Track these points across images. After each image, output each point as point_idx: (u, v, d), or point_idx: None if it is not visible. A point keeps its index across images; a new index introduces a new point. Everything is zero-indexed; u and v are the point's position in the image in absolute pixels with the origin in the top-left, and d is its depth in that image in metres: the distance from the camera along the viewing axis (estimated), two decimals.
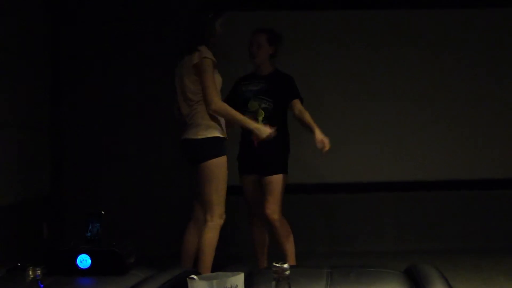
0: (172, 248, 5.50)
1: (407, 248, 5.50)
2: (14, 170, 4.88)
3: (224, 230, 3.85)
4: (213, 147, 3.74)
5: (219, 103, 3.72)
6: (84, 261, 3.07)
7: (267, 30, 4.38)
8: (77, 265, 3.10)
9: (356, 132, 5.43)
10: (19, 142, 4.97)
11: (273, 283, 1.69)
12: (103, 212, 4.59)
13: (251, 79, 4.40)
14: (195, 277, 1.94)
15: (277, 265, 1.68)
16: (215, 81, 3.75)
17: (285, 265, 1.67)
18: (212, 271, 3.59)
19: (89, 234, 4.27)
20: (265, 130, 3.81)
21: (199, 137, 3.75)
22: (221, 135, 3.79)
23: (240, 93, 4.38)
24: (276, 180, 4.26)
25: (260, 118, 4.26)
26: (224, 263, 2.98)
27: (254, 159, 4.30)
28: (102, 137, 5.63)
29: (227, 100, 4.41)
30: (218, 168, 3.74)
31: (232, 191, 3.98)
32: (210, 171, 3.73)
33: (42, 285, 1.86)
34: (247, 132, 4.11)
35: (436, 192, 5.70)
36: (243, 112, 4.24)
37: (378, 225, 5.72)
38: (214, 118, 3.79)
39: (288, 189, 5.57)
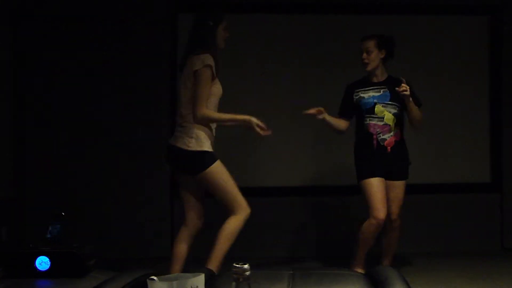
0: (133, 251, 5.48)
1: (370, 251, 5.55)
2: None
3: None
4: (204, 159, 3.76)
5: (206, 114, 3.72)
6: (43, 263, 3.02)
7: (375, 35, 4.37)
8: (35, 267, 3.05)
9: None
10: None
11: (233, 284, 1.68)
12: (63, 214, 4.55)
13: (369, 85, 4.38)
14: (155, 278, 1.92)
15: (237, 265, 1.67)
16: (208, 93, 3.75)
17: (245, 266, 1.66)
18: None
19: (49, 235, 4.20)
20: (253, 123, 3.75)
21: (189, 149, 3.75)
22: (209, 150, 3.79)
23: (361, 99, 4.36)
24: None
25: (392, 124, 4.28)
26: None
27: (385, 163, 4.30)
28: (65, 139, 5.55)
29: (343, 108, 4.46)
30: (218, 172, 3.77)
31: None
32: (212, 177, 3.77)
33: None
34: (369, 138, 4.25)
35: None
36: (369, 118, 4.29)
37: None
38: (207, 132, 3.80)
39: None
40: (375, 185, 4.26)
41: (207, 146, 3.77)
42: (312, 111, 4.28)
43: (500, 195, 5.82)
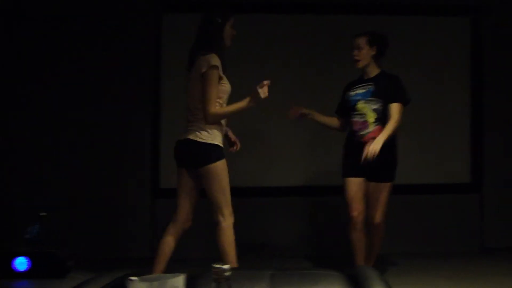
0: (113, 251, 5.44)
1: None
2: None
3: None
4: (213, 153, 3.77)
5: (217, 112, 3.75)
6: (21, 263, 3.00)
7: (367, 32, 4.38)
8: (14, 268, 3.02)
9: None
10: None
11: (213, 284, 1.68)
12: (43, 214, 4.52)
13: (359, 83, 4.42)
14: (134, 278, 1.91)
15: (216, 266, 1.66)
16: (217, 93, 3.77)
17: (225, 267, 1.65)
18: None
19: (28, 236, 4.18)
20: (257, 95, 3.71)
21: (201, 140, 3.77)
22: (220, 144, 3.82)
23: (349, 97, 4.39)
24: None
25: (371, 120, 4.28)
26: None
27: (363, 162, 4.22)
28: (45, 139, 5.49)
29: (339, 107, 4.47)
30: (222, 169, 3.77)
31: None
32: (215, 173, 3.76)
33: None
34: (353, 135, 4.26)
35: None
36: (352, 115, 4.30)
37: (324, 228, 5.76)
38: (216, 127, 3.82)
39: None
40: (351, 183, 4.31)
41: (218, 141, 3.80)
42: (292, 113, 4.36)
43: (480, 196, 5.86)
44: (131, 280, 1.91)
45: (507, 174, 5.84)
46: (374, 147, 4.03)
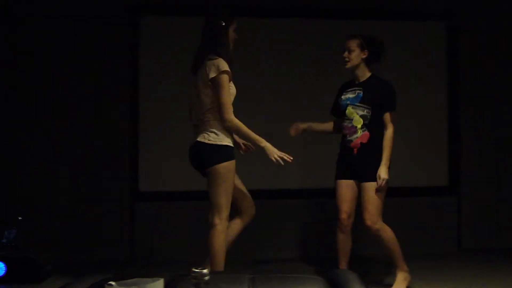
0: (93, 255, 5.41)
1: (329, 254, 5.60)
2: None
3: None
4: (221, 153, 3.79)
5: (234, 121, 3.79)
6: None
7: (360, 35, 4.38)
8: None
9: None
10: None
11: None
12: (20, 218, 4.48)
13: (350, 87, 4.42)
14: (113, 283, 1.90)
15: (196, 270, 1.66)
16: (230, 96, 3.81)
17: (204, 271, 1.65)
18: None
19: (4, 240, 4.13)
20: (273, 151, 3.81)
21: (209, 142, 3.80)
22: (230, 144, 3.85)
23: (340, 101, 4.42)
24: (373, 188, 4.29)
25: (359, 126, 4.28)
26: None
27: (352, 165, 4.31)
28: (21, 141, 5.43)
29: (333, 108, 4.50)
30: (227, 171, 3.79)
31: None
32: (220, 174, 3.77)
33: None
34: (344, 139, 4.33)
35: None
36: (343, 119, 4.34)
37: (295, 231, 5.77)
38: (225, 129, 3.84)
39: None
40: (340, 185, 4.36)
41: (227, 141, 3.82)
42: (293, 131, 4.47)
43: (457, 198, 5.92)
44: (109, 285, 1.91)
45: (483, 177, 5.92)
46: (381, 176, 4.15)
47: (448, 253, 5.66)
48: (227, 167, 3.77)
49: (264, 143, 3.83)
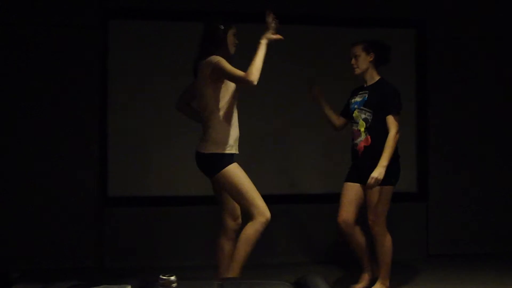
0: (61, 262, 5.34)
1: (297, 260, 5.61)
2: None
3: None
4: (218, 162, 3.81)
5: (254, 76, 3.67)
6: None
7: (364, 40, 4.47)
8: None
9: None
10: None
11: None
12: None
13: (360, 90, 4.51)
14: None
15: (163, 277, 1.65)
16: (236, 70, 3.72)
17: (172, 278, 1.64)
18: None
19: None
20: (269, 37, 3.80)
21: (205, 151, 3.83)
22: (227, 152, 3.84)
23: (350, 104, 4.51)
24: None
25: (362, 129, 4.36)
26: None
27: (358, 168, 4.38)
28: None
29: (344, 109, 4.60)
30: (233, 174, 3.80)
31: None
32: (227, 177, 3.80)
33: None
34: (353, 143, 4.40)
35: (316, 205, 5.81)
36: (352, 123, 4.45)
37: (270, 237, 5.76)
38: (225, 134, 3.84)
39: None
40: (346, 188, 4.46)
41: (222, 148, 3.82)
42: (317, 94, 4.56)
43: (426, 204, 5.98)
44: None
45: (451, 184, 5.99)
46: (375, 175, 4.17)
47: (416, 259, 5.71)
48: (230, 171, 3.80)
49: (263, 46, 3.78)
